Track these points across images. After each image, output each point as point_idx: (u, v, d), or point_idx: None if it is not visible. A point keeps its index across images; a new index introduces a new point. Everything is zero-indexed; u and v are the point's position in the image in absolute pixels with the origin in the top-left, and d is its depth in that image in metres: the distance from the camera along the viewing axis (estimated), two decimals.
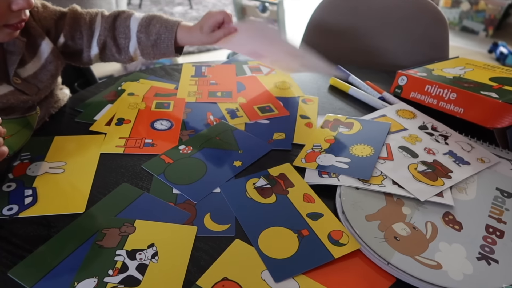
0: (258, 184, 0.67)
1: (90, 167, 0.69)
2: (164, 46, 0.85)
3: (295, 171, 0.71)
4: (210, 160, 0.73)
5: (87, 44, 0.85)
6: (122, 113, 0.84)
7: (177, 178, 0.68)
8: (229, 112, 0.87)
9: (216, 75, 1.02)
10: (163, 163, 0.71)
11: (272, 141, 0.79)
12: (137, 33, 0.85)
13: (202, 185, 0.67)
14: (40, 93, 0.76)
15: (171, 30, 0.84)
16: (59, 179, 0.66)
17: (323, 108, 0.91)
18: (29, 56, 0.76)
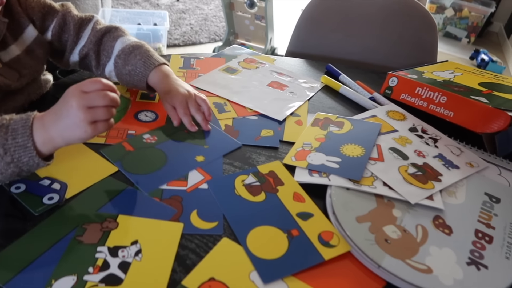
0: (247, 182, 0.65)
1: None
2: (137, 79, 0.78)
3: (285, 169, 0.69)
4: (172, 153, 0.70)
5: (69, 49, 0.81)
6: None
7: (133, 167, 0.65)
8: (216, 106, 0.85)
9: (205, 68, 1.00)
10: (123, 150, 0.68)
11: (259, 137, 0.77)
12: (115, 57, 0.80)
13: (157, 177, 0.64)
14: (22, 80, 0.72)
15: (147, 68, 0.77)
16: (63, 163, 0.59)
17: (314, 106, 0.90)
18: (12, 38, 0.72)
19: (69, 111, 0.51)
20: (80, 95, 0.52)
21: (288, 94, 0.93)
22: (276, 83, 0.96)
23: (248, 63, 1.05)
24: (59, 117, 0.52)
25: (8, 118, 0.52)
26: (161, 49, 2.51)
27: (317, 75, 1.04)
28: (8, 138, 0.50)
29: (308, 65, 1.10)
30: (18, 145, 0.50)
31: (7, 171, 0.51)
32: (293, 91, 0.94)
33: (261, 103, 0.87)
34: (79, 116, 0.51)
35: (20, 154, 0.51)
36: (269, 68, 1.04)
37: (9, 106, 0.71)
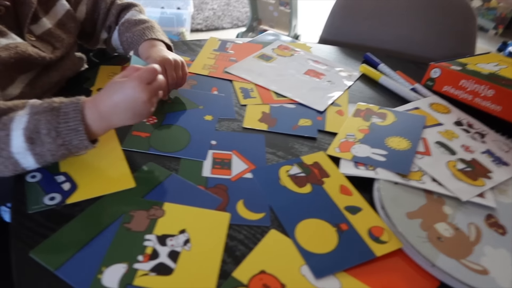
0: (292, 172, 0.64)
1: (114, 147, 0.64)
2: (132, 48, 0.78)
3: (329, 160, 0.67)
4: (182, 122, 0.71)
5: (100, 26, 0.83)
6: (102, 83, 0.80)
7: (169, 147, 0.65)
8: (242, 91, 0.83)
9: (239, 53, 0.97)
10: (141, 139, 0.67)
11: (297, 127, 0.75)
12: (120, 24, 0.81)
13: (198, 144, 0.67)
14: (56, 52, 0.71)
15: (141, 38, 0.76)
16: (86, 160, 0.60)
17: (353, 96, 0.87)
18: (42, 11, 0.71)
19: (138, 104, 0.53)
20: (145, 88, 0.53)
21: (326, 83, 0.90)
22: (313, 72, 0.94)
23: (282, 50, 1.02)
24: (125, 109, 0.54)
25: (59, 101, 0.52)
26: (184, 34, 2.48)
27: (354, 64, 1.01)
28: (60, 122, 0.51)
29: (344, 53, 1.07)
30: (70, 129, 0.51)
31: (57, 152, 0.52)
32: (331, 80, 0.91)
33: (300, 92, 0.85)
34: (147, 108, 0.55)
35: (72, 137, 0.51)
36: (304, 55, 1.01)
37: (45, 82, 0.71)
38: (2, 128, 0.51)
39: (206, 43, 1.00)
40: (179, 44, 0.98)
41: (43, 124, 0.50)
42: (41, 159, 0.52)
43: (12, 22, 0.65)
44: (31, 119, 0.50)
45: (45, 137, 0.50)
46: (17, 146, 0.50)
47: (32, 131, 0.50)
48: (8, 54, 0.61)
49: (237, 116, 0.75)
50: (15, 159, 0.52)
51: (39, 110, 0.51)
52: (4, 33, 0.62)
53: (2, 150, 0.51)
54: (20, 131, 0.50)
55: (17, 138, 0.50)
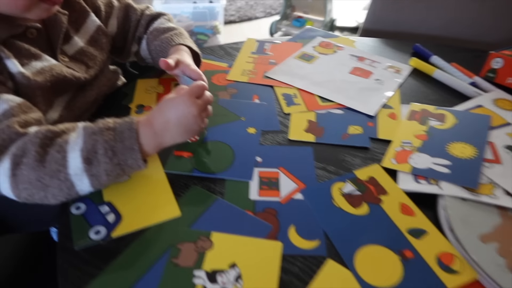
0: (346, 190, 0.59)
1: (157, 170, 0.62)
2: (161, 56, 0.74)
3: (386, 174, 0.61)
4: (225, 137, 0.68)
5: (131, 39, 0.81)
6: (140, 99, 0.77)
7: (212, 167, 0.62)
8: (285, 98, 0.78)
9: (278, 54, 0.92)
10: (184, 159, 0.63)
11: (347, 136, 0.69)
12: (148, 33, 0.79)
13: (243, 161, 0.63)
14: (90, 71, 0.69)
15: (169, 44, 0.73)
16: (129, 187, 0.58)
17: (405, 96, 0.80)
18: (73, 30, 0.69)
19: (188, 118, 0.55)
20: (195, 102, 0.55)
21: (374, 82, 0.83)
22: (359, 70, 0.87)
23: (324, 47, 0.96)
24: (176, 124, 0.55)
25: (113, 122, 0.53)
26: (218, 27, 2.44)
27: (403, 57, 0.93)
28: (116, 141, 0.51)
29: (390, 46, 0.99)
30: (125, 148, 0.51)
31: (112, 172, 0.52)
32: (380, 78, 0.84)
33: (347, 94, 0.79)
34: (198, 122, 0.56)
35: (127, 156, 0.52)
36: (348, 52, 0.94)
37: (82, 103, 0.69)
38: (59, 150, 0.50)
39: (243, 46, 0.95)
40: (216, 49, 0.94)
41: (100, 144, 0.50)
42: (96, 180, 0.51)
43: (45, 44, 0.63)
44: (88, 140, 0.50)
45: (102, 157, 0.50)
46: (74, 167, 0.50)
47: (90, 152, 0.50)
48: (44, 78, 0.59)
49: (281, 127, 0.71)
50: (71, 181, 0.50)
51: (95, 130, 0.51)
52: (38, 55, 0.60)
53: (59, 172, 0.50)
54: (77, 152, 0.50)
55: (74, 159, 0.50)
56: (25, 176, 0.49)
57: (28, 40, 0.60)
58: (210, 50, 0.93)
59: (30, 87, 0.57)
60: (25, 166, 0.49)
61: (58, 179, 0.50)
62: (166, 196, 0.57)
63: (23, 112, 0.55)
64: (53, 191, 0.50)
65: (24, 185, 0.50)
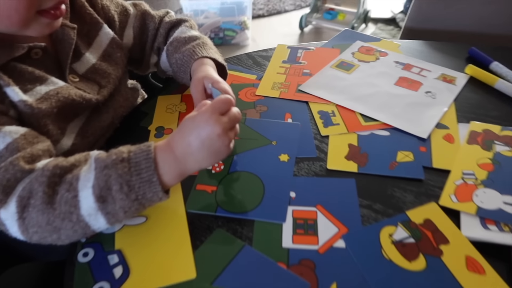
0: (397, 237, 0.49)
1: (178, 210, 0.54)
2: (183, 70, 0.66)
3: (445, 216, 0.51)
4: (253, 167, 0.59)
5: (149, 49, 0.74)
6: (160, 120, 0.69)
7: (239, 205, 0.54)
8: (322, 116, 0.68)
9: (313, 63, 0.83)
10: (207, 195, 0.55)
11: (396, 164, 0.59)
12: (168, 44, 0.70)
13: (274, 198, 0.55)
14: (103, 92, 0.62)
15: (192, 57, 0.65)
16: (144, 233, 0.51)
17: (462, 111, 0.69)
18: (84, 46, 0.62)
19: (213, 139, 0.47)
20: (218, 120, 0.47)
21: (425, 95, 0.73)
22: (406, 80, 0.76)
23: (364, 53, 0.86)
24: (199, 147, 0.47)
25: (127, 151, 0.46)
26: (246, 23, 2.35)
27: (457, 64, 0.81)
28: (132, 174, 0.44)
29: (441, 49, 0.87)
30: (143, 181, 0.45)
31: (131, 208, 0.46)
32: (431, 90, 0.74)
33: (393, 112, 0.69)
34: (224, 143, 0.48)
35: (145, 190, 0.45)
36: (392, 58, 0.83)
37: (96, 128, 0.63)
38: (69, 189, 0.44)
39: (273, 53, 0.86)
40: (243, 58, 0.85)
41: (113, 179, 0.44)
42: (113, 218, 0.46)
43: (52, 64, 0.57)
44: (99, 175, 0.44)
45: (117, 193, 0.44)
46: (87, 207, 0.44)
47: (103, 188, 0.44)
48: (50, 104, 0.53)
49: (318, 153, 0.62)
50: (86, 222, 0.45)
51: (107, 163, 0.45)
52: (43, 78, 0.54)
53: (71, 214, 0.44)
54: (89, 190, 0.44)
55: (86, 198, 0.44)
56: (34, 220, 0.44)
57: (33, 62, 0.54)
58: (237, 60, 0.84)
59: (34, 116, 0.51)
60: (33, 208, 0.44)
61: (70, 221, 0.44)
62: (184, 250, 0.49)
63: (29, 144, 0.49)
64: (66, 232, 0.45)
65: (33, 229, 0.45)
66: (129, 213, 0.46)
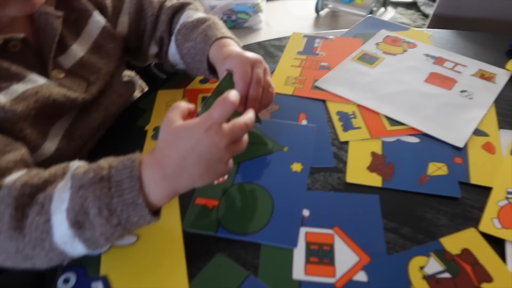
0: (429, 271, 0.42)
1: (174, 229, 0.47)
2: (198, 59, 0.58)
3: (487, 246, 0.44)
4: (262, 178, 0.51)
5: (147, 39, 0.65)
6: (160, 118, 0.61)
7: (244, 224, 0.46)
8: (341, 118, 0.60)
9: (331, 54, 0.74)
10: (207, 211, 0.48)
11: (427, 178, 0.51)
12: (176, 33, 0.62)
13: (284, 216, 0.47)
14: (92, 89, 0.55)
15: (207, 42, 0.57)
16: (134, 256, 0.45)
17: (504, 115, 0.60)
18: (71, 36, 0.54)
19: (212, 152, 0.38)
20: (220, 130, 0.38)
21: (460, 95, 0.64)
22: (438, 77, 0.67)
23: (390, 44, 0.76)
24: (196, 161, 0.38)
25: (107, 166, 0.39)
26: (259, 5, 2.24)
27: (497, 58, 0.72)
28: (113, 196, 0.37)
29: (477, 41, 0.77)
30: (126, 203, 0.37)
31: (113, 234, 0.39)
32: (467, 89, 0.64)
33: (423, 114, 0.60)
34: (226, 158, 0.40)
35: (129, 214, 0.38)
36: (422, 50, 0.74)
37: (85, 129, 0.56)
38: (40, 212, 0.38)
39: (288, 43, 0.77)
40: (254, 48, 0.77)
41: (91, 201, 0.37)
42: (93, 244, 0.39)
43: (33, 58, 0.49)
44: (74, 196, 0.37)
45: (96, 218, 0.37)
46: (61, 234, 0.38)
47: (78, 213, 0.37)
48: (26, 105, 0.46)
49: (336, 163, 0.54)
50: (61, 250, 0.39)
51: (83, 182, 0.38)
52: (21, 76, 0.47)
53: (43, 241, 0.38)
54: (62, 214, 0.37)
55: (60, 224, 0.37)
56: (1, 247, 0.38)
57: (10, 56, 0.47)
58: (247, 49, 0.75)
59: (8, 120, 0.44)
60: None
61: (42, 249, 0.38)
62: (178, 279, 0.42)
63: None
64: (40, 261, 0.39)
65: (3, 256, 0.39)
66: (111, 239, 0.40)
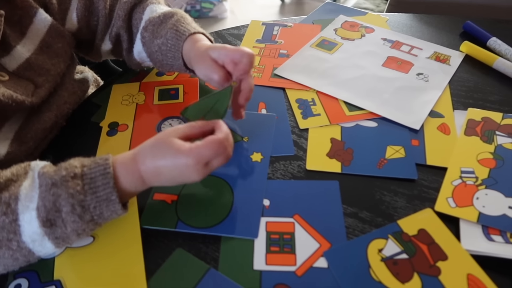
0: (387, 253, 0.42)
1: (131, 227, 0.45)
2: (170, 56, 0.57)
3: (443, 225, 0.45)
4: (221, 170, 0.51)
5: (100, 34, 0.62)
6: (115, 113, 0.59)
7: (204, 218, 0.46)
8: (301, 105, 0.60)
9: (290, 42, 0.73)
10: (166, 207, 0.47)
11: (385, 162, 0.52)
12: (141, 30, 0.59)
13: (244, 208, 0.47)
14: (40, 92, 0.52)
15: (180, 38, 0.55)
16: (90, 257, 0.43)
17: (456, 95, 0.62)
18: (15, 36, 0.52)
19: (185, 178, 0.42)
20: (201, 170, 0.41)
21: (416, 78, 0.65)
22: (395, 61, 0.68)
23: (348, 29, 0.76)
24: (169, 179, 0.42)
25: (79, 165, 0.40)
26: None
27: (452, 40, 0.73)
28: (86, 193, 0.38)
29: (432, 24, 0.79)
30: (100, 200, 0.39)
31: (85, 230, 0.40)
32: (423, 72, 0.66)
33: (381, 98, 0.61)
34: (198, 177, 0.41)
35: (102, 210, 0.40)
36: (379, 34, 0.75)
37: (37, 130, 0.53)
38: (5, 212, 0.38)
39: (246, 31, 0.76)
40: (212, 37, 0.75)
41: (63, 199, 0.38)
42: (63, 242, 0.40)
43: None
44: (45, 194, 0.38)
45: (68, 215, 0.38)
46: (31, 233, 0.38)
47: (50, 211, 0.38)
48: None
49: (296, 151, 0.54)
50: (29, 249, 0.39)
51: (56, 180, 0.38)
52: None
53: (9, 241, 0.38)
54: (32, 212, 0.38)
55: (29, 222, 0.38)
56: None
57: None
58: None
59: None
60: None
61: (9, 249, 0.38)
62: (136, 278, 0.41)
63: None
64: (4, 262, 0.39)
65: None
66: (83, 235, 0.40)
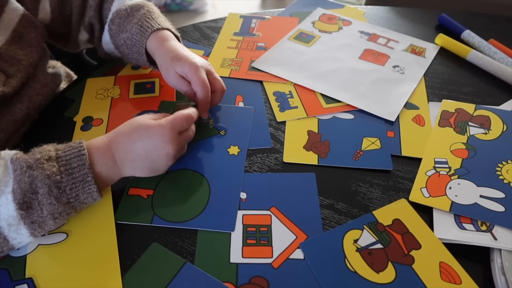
0: (363, 243, 0.43)
1: (106, 222, 0.45)
2: (135, 51, 0.57)
3: (416, 215, 0.45)
4: (197, 164, 0.51)
5: (76, 25, 0.61)
6: (89, 108, 0.58)
7: (180, 212, 0.45)
8: (278, 98, 0.60)
9: (268, 34, 0.73)
10: (142, 201, 0.47)
11: (361, 153, 0.52)
12: (109, 22, 0.59)
13: (221, 201, 0.47)
14: (12, 82, 0.51)
15: (144, 34, 0.55)
16: (63, 254, 0.42)
17: (431, 87, 0.62)
18: None
19: (160, 156, 0.44)
20: (175, 139, 0.44)
21: (392, 70, 0.65)
22: (372, 54, 0.68)
23: (326, 22, 0.77)
24: (143, 158, 0.44)
25: (54, 149, 0.41)
26: None
27: (427, 33, 0.74)
28: (62, 174, 0.39)
29: (409, 17, 0.79)
30: (76, 181, 0.40)
31: (61, 214, 0.40)
32: (399, 64, 0.66)
33: (358, 91, 0.61)
34: (167, 163, 0.45)
35: (78, 191, 0.41)
36: (356, 27, 0.75)
37: (8, 122, 0.51)
38: None
39: (224, 24, 0.76)
40: (189, 30, 0.74)
41: (40, 180, 0.38)
42: (39, 228, 0.40)
43: None
44: (22, 177, 0.38)
45: (45, 197, 0.38)
46: (7, 216, 0.38)
47: (26, 192, 0.38)
48: None
49: (273, 143, 0.54)
50: (4, 235, 0.39)
51: (30, 163, 0.39)
52: None
53: None
54: (8, 195, 0.38)
55: (4, 206, 0.38)
56: None
57: None
58: (182, 32, 0.73)
59: None
60: None
61: None
62: (111, 273, 0.40)
63: None
64: None
65: None
66: (59, 220, 0.41)
